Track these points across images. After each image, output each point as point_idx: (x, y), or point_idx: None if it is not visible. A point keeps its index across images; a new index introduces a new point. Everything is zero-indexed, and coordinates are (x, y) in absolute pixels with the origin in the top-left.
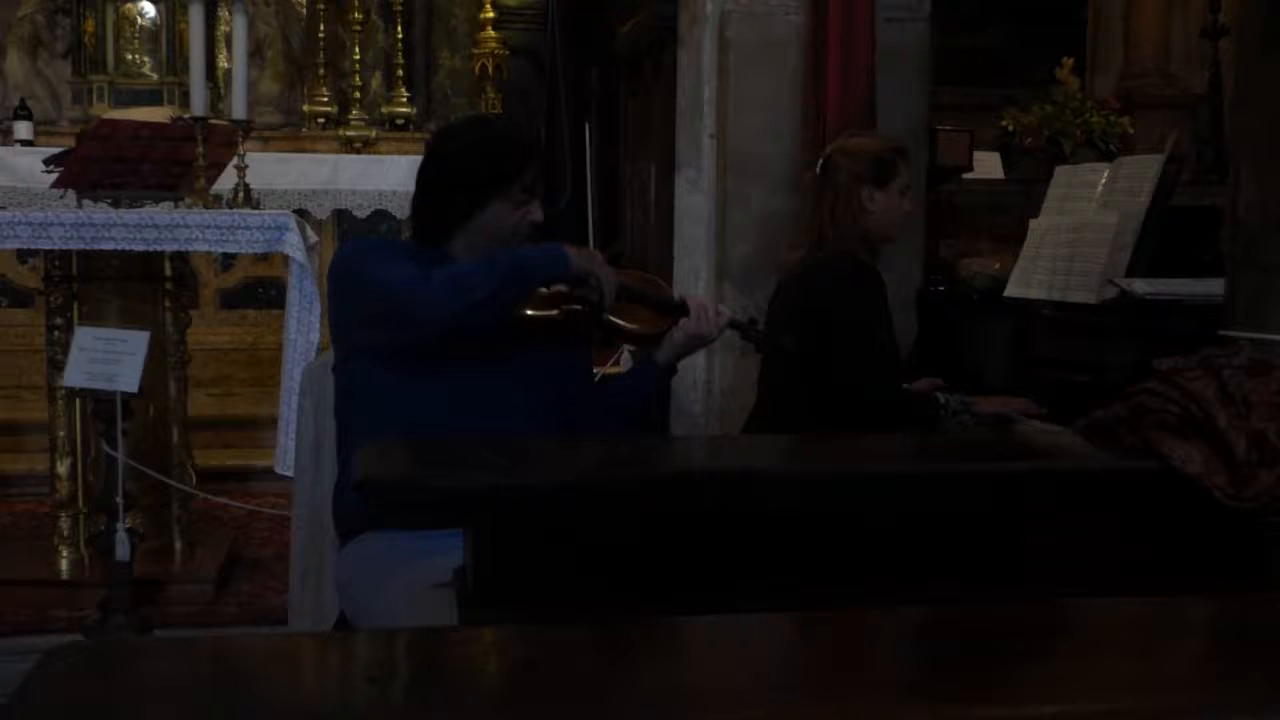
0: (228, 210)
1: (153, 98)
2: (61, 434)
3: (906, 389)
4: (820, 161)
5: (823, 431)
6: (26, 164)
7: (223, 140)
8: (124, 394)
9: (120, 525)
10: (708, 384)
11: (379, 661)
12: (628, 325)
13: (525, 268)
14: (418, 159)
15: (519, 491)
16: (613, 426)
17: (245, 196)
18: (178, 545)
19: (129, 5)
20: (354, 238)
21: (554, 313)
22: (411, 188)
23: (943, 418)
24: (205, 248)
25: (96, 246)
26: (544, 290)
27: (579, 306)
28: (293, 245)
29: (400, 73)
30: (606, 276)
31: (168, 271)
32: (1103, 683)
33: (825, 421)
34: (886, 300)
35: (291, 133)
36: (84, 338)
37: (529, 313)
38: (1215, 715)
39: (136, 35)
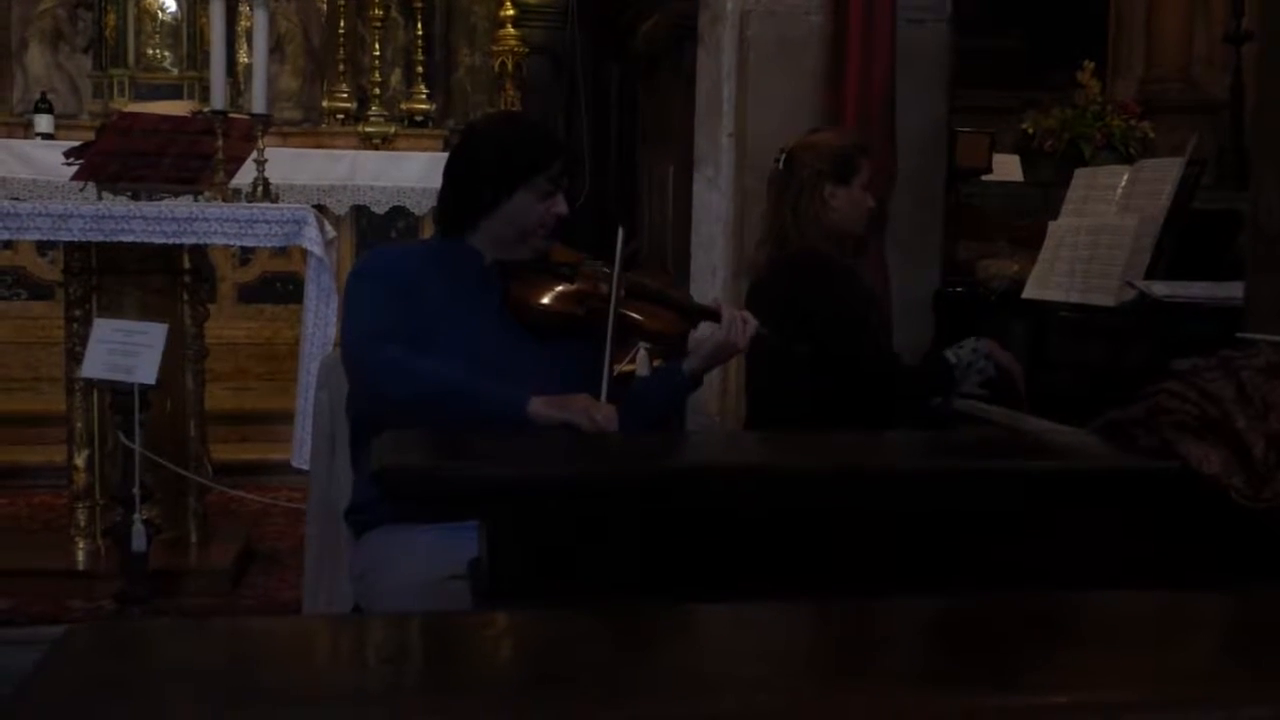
0: (246, 204)
1: (173, 92)
2: (79, 426)
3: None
4: (782, 156)
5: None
6: (47, 157)
7: (242, 134)
8: (142, 386)
9: (137, 517)
10: (723, 383)
11: (393, 645)
12: (648, 324)
13: (468, 396)
14: (436, 155)
15: (534, 483)
16: (629, 427)
17: (264, 191)
18: (194, 538)
19: None
20: (371, 249)
21: (577, 310)
22: (430, 184)
23: (959, 376)
24: (224, 241)
25: (116, 239)
26: (567, 287)
27: (602, 304)
28: (311, 239)
29: (420, 69)
30: (591, 419)
31: (186, 265)
32: (1116, 674)
33: (813, 422)
34: (862, 289)
35: (311, 128)
36: (102, 329)
37: (551, 309)
38: (1228, 707)
39: (157, 30)
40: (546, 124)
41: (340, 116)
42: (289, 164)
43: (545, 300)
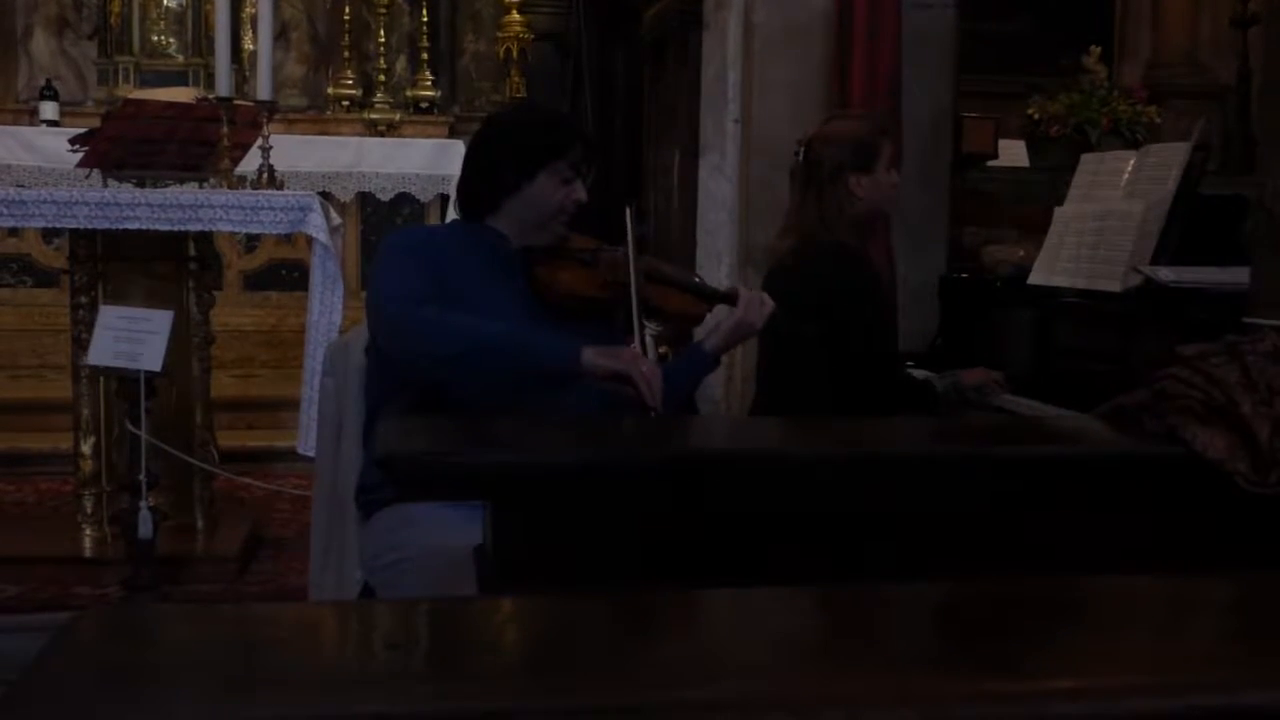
0: (252, 191)
1: (178, 79)
2: (86, 413)
3: (909, 376)
4: (801, 149)
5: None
6: (52, 144)
7: (247, 121)
8: (147, 373)
9: (143, 504)
10: (729, 368)
11: (399, 630)
12: (668, 306)
13: (517, 347)
14: (442, 142)
15: (538, 469)
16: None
17: (269, 177)
18: (200, 524)
19: None
20: (402, 228)
21: (602, 293)
22: (435, 171)
23: (941, 401)
24: (229, 228)
25: (121, 226)
26: (591, 271)
27: (624, 288)
28: (316, 226)
29: (425, 56)
30: (640, 371)
31: (192, 252)
32: (1120, 658)
33: (825, 408)
34: (880, 286)
35: (316, 115)
36: (108, 317)
37: (577, 292)
38: (1234, 691)
39: (162, 16)
40: (567, 112)
41: (345, 103)
42: (294, 151)
43: (571, 284)
